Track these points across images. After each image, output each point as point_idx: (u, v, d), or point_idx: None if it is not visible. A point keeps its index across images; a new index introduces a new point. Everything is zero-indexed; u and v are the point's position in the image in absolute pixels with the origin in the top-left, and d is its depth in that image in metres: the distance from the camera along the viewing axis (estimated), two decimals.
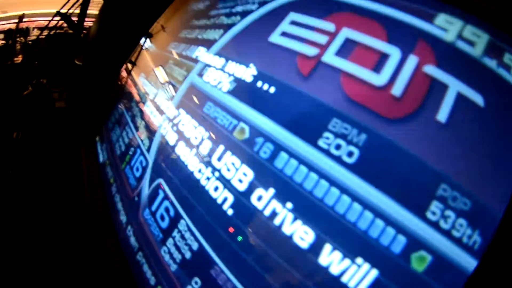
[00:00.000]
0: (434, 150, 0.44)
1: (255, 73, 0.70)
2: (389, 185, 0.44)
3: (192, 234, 0.64)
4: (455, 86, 0.46)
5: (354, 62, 0.56)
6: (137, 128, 1.06)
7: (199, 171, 0.68)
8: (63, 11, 4.52)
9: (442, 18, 0.52)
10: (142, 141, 0.97)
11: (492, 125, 0.42)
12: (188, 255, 0.63)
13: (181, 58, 1.03)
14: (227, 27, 0.91)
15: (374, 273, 0.41)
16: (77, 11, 4.48)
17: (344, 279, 0.43)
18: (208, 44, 0.93)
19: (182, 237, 0.66)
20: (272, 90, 0.64)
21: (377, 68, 0.53)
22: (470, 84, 0.45)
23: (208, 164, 0.67)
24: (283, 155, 0.54)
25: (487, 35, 0.48)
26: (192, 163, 0.71)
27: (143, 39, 1.59)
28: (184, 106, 0.85)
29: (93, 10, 4.34)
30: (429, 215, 0.41)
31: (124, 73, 1.59)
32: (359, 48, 0.58)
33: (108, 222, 1.00)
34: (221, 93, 0.74)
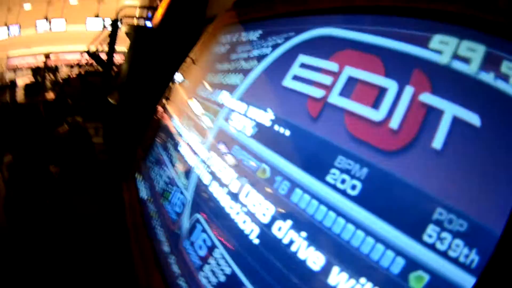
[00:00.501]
0: (430, 177, 0.49)
1: (273, 117, 0.83)
2: (388, 212, 0.51)
3: (226, 261, 0.76)
4: (450, 111, 0.50)
5: (355, 100, 0.64)
6: (175, 169, 1.20)
7: (230, 207, 0.81)
8: (91, 48, 4.80)
9: (436, 40, 0.57)
10: (180, 180, 1.11)
11: (488, 146, 0.46)
12: (222, 278, 0.75)
13: (209, 103, 1.17)
14: (246, 71, 1.04)
15: None
16: (101, 46, 4.75)
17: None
18: (231, 88, 1.07)
19: (217, 263, 0.78)
20: (287, 133, 0.76)
21: (376, 103, 0.60)
22: (466, 105, 0.49)
23: (237, 200, 0.80)
24: (298, 191, 0.65)
25: (483, 46, 0.51)
26: (224, 200, 0.85)
27: (173, 80, 1.72)
28: (215, 149, 0.99)
29: (121, 46, 4.60)
30: (425, 238, 0.46)
31: (159, 112, 1.73)
32: (360, 85, 0.66)
33: (151, 252, 1.12)
34: (245, 137, 0.88)
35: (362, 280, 0.50)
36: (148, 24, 5.09)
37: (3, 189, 3.90)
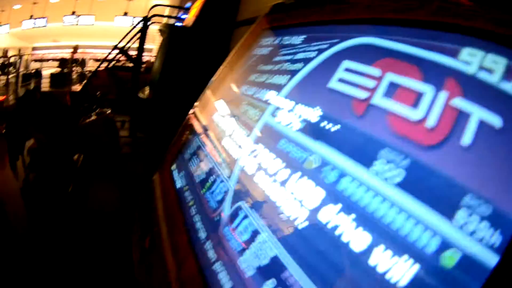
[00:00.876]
0: (460, 168, 0.56)
1: (320, 114, 0.92)
2: (425, 198, 0.58)
3: (269, 245, 0.84)
4: (476, 113, 0.58)
5: (397, 101, 0.73)
6: (216, 160, 1.29)
7: (276, 194, 0.90)
8: (120, 44, 4.95)
9: (466, 52, 0.65)
10: (223, 170, 1.20)
11: (508, 143, 0.53)
12: (264, 261, 0.83)
13: (253, 100, 1.26)
14: (292, 72, 1.13)
15: (415, 268, 0.54)
16: (128, 44, 4.89)
17: (391, 274, 0.57)
18: (277, 87, 1.16)
19: (260, 248, 0.86)
20: (335, 128, 0.85)
21: (415, 105, 0.68)
22: (490, 109, 0.57)
23: (283, 188, 0.88)
24: (345, 179, 0.73)
25: (505, 59, 0.58)
26: (269, 189, 0.93)
27: (212, 77, 1.80)
28: (261, 142, 1.09)
29: (148, 44, 4.73)
30: (456, 220, 0.52)
31: (196, 107, 1.81)
32: (400, 89, 0.74)
33: (186, 240, 1.20)
34: (292, 131, 0.97)
35: (402, 258, 0.57)
36: (178, 23, 5.22)
37: (22, 173, 4.04)
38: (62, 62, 15.18)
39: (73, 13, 18.83)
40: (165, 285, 1.14)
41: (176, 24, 5.12)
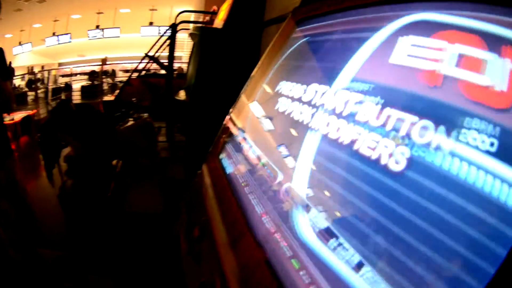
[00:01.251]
0: None
1: (394, 89, 0.95)
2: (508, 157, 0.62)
3: (326, 212, 0.92)
4: None
5: (466, 69, 0.77)
6: (273, 138, 1.39)
7: (347, 169, 0.95)
8: (150, 53, 5.09)
9: None
10: (282, 148, 1.28)
11: None
12: (323, 227, 0.91)
13: (312, 85, 1.31)
14: (349, 54, 1.16)
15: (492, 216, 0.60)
16: (158, 52, 5.03)
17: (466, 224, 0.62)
18: (335, 71, 1.19)
19: (317, 216, 0.94)
20: (410, 101, 0.87)
21: (482, 72, 0.73)
22: None
23: (359, 166, 0.92)
24: (431, 150, 0.76)
25: None
26: (338, 164, 0.99)
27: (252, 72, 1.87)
28: (331, 121, 1.10)
29: (177, 52, 4.84)
30: None
31: (238, 102, 1.88)
32: (467, 58, 0.78)
33: (242, 218, 1.27)
34: (365, 109, 0.98)
35: (481, 213, 0.61)
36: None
37: (59, 181, 4.19)
38: (92, 74, 15.52)
39: (97, 27, 19.24)
40: (216, 269, 1.20)
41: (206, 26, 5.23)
